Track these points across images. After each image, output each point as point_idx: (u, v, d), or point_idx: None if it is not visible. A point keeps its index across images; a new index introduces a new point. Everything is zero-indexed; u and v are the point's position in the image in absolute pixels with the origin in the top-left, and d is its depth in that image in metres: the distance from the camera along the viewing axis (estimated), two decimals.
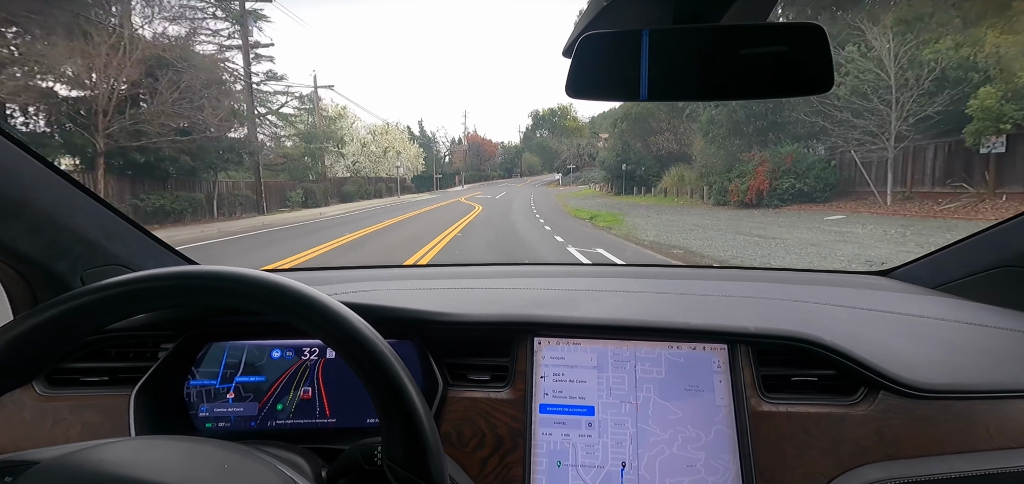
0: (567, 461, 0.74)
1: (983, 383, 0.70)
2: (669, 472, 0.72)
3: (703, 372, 0.76)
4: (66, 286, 0.80)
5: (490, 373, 0.81)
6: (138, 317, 0.79)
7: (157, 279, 0.47)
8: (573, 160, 50.68)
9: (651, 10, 0.57)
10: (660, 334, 0.78)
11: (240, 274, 0.48)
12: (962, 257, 1.05)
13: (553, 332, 0.80)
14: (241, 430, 0.80)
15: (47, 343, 0.45)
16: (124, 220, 0.88)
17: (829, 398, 0.74)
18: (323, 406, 0.82)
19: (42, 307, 0.45)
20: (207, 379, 0.81)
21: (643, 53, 0.56)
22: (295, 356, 0.83)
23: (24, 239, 0.73)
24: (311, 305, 0.48)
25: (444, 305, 0.84)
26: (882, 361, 0.72)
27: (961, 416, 0.69)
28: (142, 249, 0.92)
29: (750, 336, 0.76)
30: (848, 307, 0.92)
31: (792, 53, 0.56)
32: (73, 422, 0.78)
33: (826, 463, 0.70)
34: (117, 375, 0.81)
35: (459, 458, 0.76)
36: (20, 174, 0.70)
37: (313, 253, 8.53)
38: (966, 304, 0.95)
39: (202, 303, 0.49)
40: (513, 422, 0.76)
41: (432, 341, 0.82)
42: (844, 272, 1.28)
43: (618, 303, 0.92)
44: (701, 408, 0.74)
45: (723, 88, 0.59)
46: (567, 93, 0.60)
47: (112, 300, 0.46)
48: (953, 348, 0.78)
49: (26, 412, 0.78)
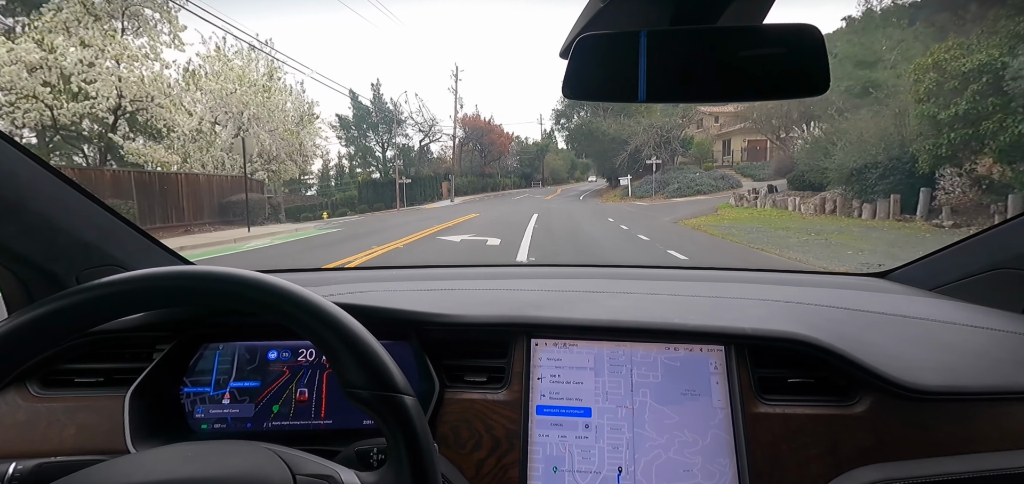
0: (563, 466, 0.74)
1: (979, 385, 0.70)
2: (666, 477, 0.72)
3: (700, 375, 0.77)
4: (62, 286, 0.79)
5: (487, 374, 0.81)
6: (133, 318, 0.79)
7: (152, 279, 0.47)
8: (652, 151, 27.96)
9: (648, 11, 0.58)
10: (657, 335, 0.78)
11: (234, 274, 0.49)
12: (959, 259, 1.04)
13: (550, 333, 0.80)
14: (237, 431, 0.80)
15: (39, 342, 0.45)
16: (120, 220, 0.88)
17: (826, 400, 0.74)
18: (319, 408, 0.82)
19: (35, 306, 0.45)
20: (202, 381, 0.82)
21: (641, 54, 0.56)
22: (291, 357, 0.83)
23: (19, 240, 0.73)
24: (305, 305, 0.48)
25: (441, 306, 0.83)
26: (879, 363, 0.72)
27: (957, 418, 0.70)
28: (138, 249, 0.91)
29: (747, 337, 0.76)
30: (845, 309, 0.91)
31: (788, 54, 0.56)
32: (67, 423, 0.77)
33: (823, 465, 0.70)
34: (112, 376, 0.81)
35: (456, 459, 0.75)
36: (16, 175, 0.69)
37: None
38: (963, 306, 0.95)
39: (197, 303, 0.49)
40: (510, 423, 0.76)
41: (429, 342, 0.82)
42: (841, 273, 1.27)
43: (615, 304, 0.90)
44: (697, 412, 0.75)
45: (720, 89, 0.59)
46: (564, 94, 0.60)
47: (105, 300, 0.46)
48: (950, 350, 0.78)
49: (20, 413, 0.78)
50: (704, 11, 0.56)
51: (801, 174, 15.33)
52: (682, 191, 23.69)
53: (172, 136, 15.43)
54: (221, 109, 16.67)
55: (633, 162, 28.38)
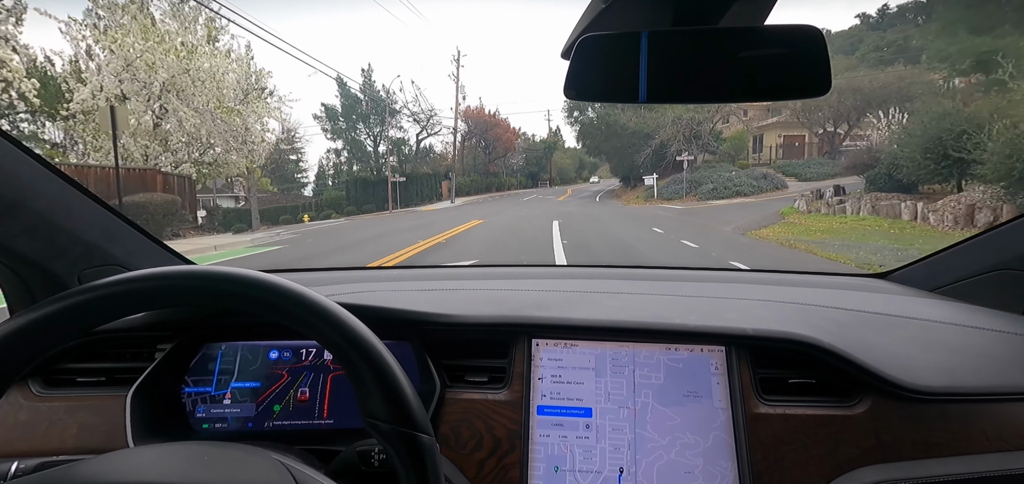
0: (565, 466, 0.74)
1: (980, 386, 0.70)
2: (667, 478, 0.72)
3: (701, 376, 0.76)
4: (63, 286, 0.79)
5: (488, 374, 0.80)
6: (135, 317, 0.78)
7: (152, 279, 0.47)
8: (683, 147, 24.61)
9: (650, 12, 0.57)
10: (658, 336, 0.78)
11: (234, 274, 0.48)
12: (959, 260, 1.04)
13: (551, 334, 0.80)
14: (238, 431, 0.80)
15: (40, 342, 0.45)
16: (122, 220, 0.87)
17: (826, 400, 0.74)
18: (320, 407, 0.81)
19: (36, 306, 0.45)
20: (204, 380, 0.81)
21: (642, 55, 0.56)
22: (293, 357, 0.82)
23: (21, 239, 0.72)
24: (306, 306, 0.48)
25: (442, 306, 0.83)
26: (880, 363, 0.72)
27: (958, 419, 0.70)
28: (140, 249, 0.90)
29: (748, 338, 0.76)
30: (846, 309, 0.90)
31: (790, 55, 0.56)
32: (69, 423, 0.77)
33: (823, 466, 0.70)
34: (113, 376, 0.81)
35: (457, 460, 0.75)
36: (17, 174, 0.69)
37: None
38: (963, 307, 0.94)
39: (198, 303, 0.49)
40: (511, 424, 0.76)
41: (430, 342, 0.81)
42: (842, 274, 1.25)
43: (616, 305, 0.90)
44: (699, 414, 0.74)
45: (721, 90, 0.58)
46: (566, 94, 0.60)
47: (107, 300, 0.46)
48: (950, 351, 0.77)
49: (22, 413, 0.77)
50: (705, 12, 0.56)
51: (887, 171, 11.97)
52: (718, 192, 20.44)
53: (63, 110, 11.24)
54: (131, 77, 12.00)
55: (658, 159, 24.99)
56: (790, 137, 29.47)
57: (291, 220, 22.91)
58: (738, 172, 22.29)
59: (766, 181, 20.86)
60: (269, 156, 16.71)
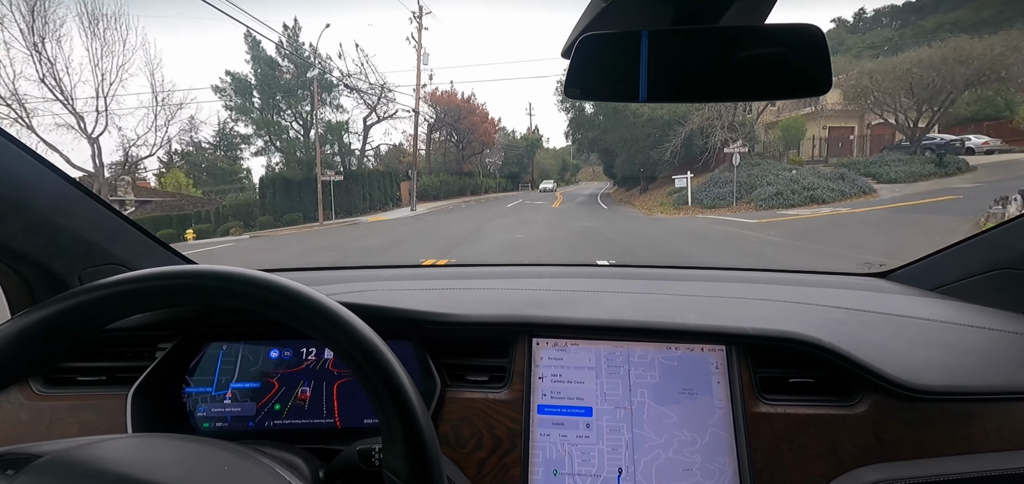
0: (564, 470, 0.74)
1: (981, 385, 0.70)
2: (666, 477, 0.72)
3: (698, 374, 0.76)
4: (64, 286, 0.79)
5: (488, 374, 0.81)
6: (136, 317, 0.78)
7: (153, 279, 0.47)
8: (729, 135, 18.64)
9: (650, 11, 0.58)
10: (659, 335, 0.78)
11: (237, 274, 0.48)
12: (960, 259, 1.04)
13: (551, 333, 0.80)
14: (239, 430, 0.80)
15: (41, 343, 0.45)
16: (122, 219, 0.87)
17: (827, 400, 0.74)
18: (321, 407, 0.81)
19: (39, 306, 0.45)
20: (204, 380, 0.81)
21: (642, 54, 0.56)
22: (293, 357, 0.83)
23: (22, 239, 0.72)
24: (309, 306, 0.48)
25: (442, 305, 0.83)
26: (880, 362, 0.72)
27: (959, 418, 0.70)
28: (140, 248, 0.91)
29: (748, 337, 0.76)
30: (846, 308, 0.90)
31: (791, 55, 0.56)
32: (70, 422, 0.77)
33: (824, 465, 0.70)
34: (114, 375, 0.81)
35: (457, 459, 0.75)
36: (18, 174, 0.69)
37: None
38: (964, 306, 0.94)
39: (199, 303, 0.49)
40: (511, 423, 0.76)
41: (430, 341, 0.82)
42: (842, 273, 1.25)
43: (617, 304, 0.90)
44: (696, 411, 0.74)
45: (722, 89, 0.59)
46: (566, 94, 0.60)
47: (108, 300, 0.46)
48: (951, 350, 0.77)
49: (23, 412, 0.78)
50: (705, 11, 0.56)
51: None
52: (786, 199, 14.51)
53: None
54: None
55: (687, 153, 18.93)
56: (837, 129, 23.81)
57: (176, 236, 15.56)
58: (799, 170, 16.43)
59: (845, 183, 15.08)
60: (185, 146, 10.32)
